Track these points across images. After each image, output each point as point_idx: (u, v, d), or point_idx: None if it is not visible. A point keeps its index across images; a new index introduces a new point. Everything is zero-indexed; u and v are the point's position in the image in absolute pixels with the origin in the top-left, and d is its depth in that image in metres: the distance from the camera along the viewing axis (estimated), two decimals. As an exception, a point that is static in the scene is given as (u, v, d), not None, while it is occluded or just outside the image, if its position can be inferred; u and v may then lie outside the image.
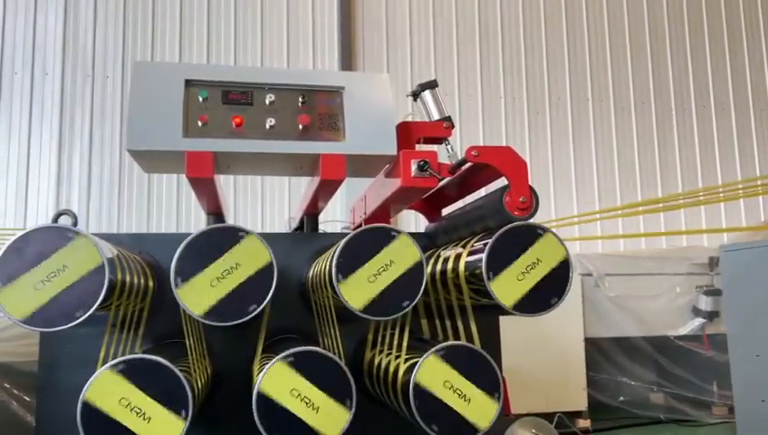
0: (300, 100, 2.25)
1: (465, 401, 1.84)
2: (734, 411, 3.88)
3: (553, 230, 1.93)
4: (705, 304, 4.86)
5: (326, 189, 2.40)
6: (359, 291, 1.85)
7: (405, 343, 2.10)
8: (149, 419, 1.63)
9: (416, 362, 1.89)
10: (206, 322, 1.77)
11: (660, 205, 6.18)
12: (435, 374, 1.84)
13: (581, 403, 4.61)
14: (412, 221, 5.31)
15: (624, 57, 6.57)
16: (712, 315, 4.82)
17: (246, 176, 5.51)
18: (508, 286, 1.88)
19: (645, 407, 4.84)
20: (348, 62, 6.16)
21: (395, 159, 2.24)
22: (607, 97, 6.48)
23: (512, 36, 6.41)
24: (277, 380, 1.77)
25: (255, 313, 1.81)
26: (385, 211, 2.67)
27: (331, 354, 1.88)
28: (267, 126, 2.19)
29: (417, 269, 1.90)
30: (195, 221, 5.78)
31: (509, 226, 1.89)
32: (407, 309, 1.90)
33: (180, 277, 1.77)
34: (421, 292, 1.90)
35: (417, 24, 6.33)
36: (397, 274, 1.87)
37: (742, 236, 5.76)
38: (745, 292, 3.78)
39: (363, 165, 2.33)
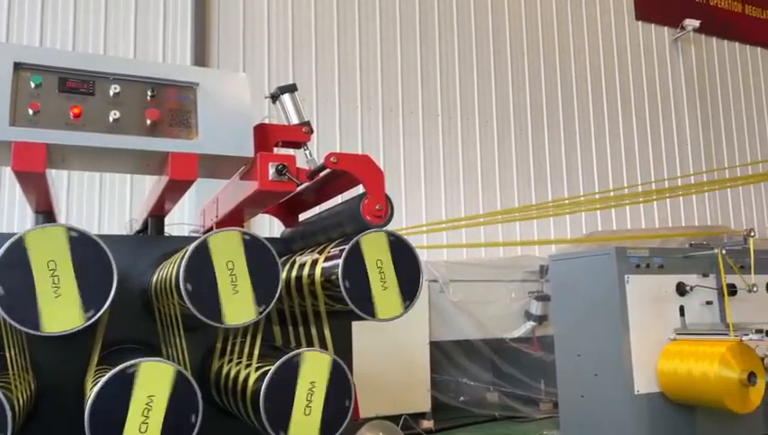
0: (149, 93, 2.11)
1: (305, 414, 1.83)
2: (558, 407, 4.27)
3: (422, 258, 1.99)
4: (535, 308, 5.31)
5: (175, 190, 2.27)
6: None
7: (256, 351, 2.04)
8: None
9: (267, 371, 1.84)
10: (31, 331, 1.58)
11: (499, 217, 6.66)
12: (314, 365, 1.81)
13: (425, 405, 4.79)
14: (266, 225, 5.20)
15: (471, 76, 7.00)
16: (541, 319, 5.27)
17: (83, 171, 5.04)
18: (386, 304, 1.91)
19: (482, 406, 5.16)
20: (201, 58, 5.90)
21: (251, 162, 2.18)
22: (455, 113, 6.85)
23: (368, 44, 6.55)
24: (114, 394, 1.63)
25: (92, 320, 1.65)
26: (239, 215, 2.58)
27: (175, 365, 1.76)
28: (110, 119, 2.02)
29: (272, 275, 1.85)
30: (19, 220, 5.18)
31: (366, 232, 1.92)
32: (260, 316, 1.84)
33: (1, 283, 1.57)
34: (275, 298, 1.86)
35: (275, 25, 6.24)
36: (244, 270, 1.81)
37: (567, 247, 6.39)
38: (570, 297, 4.19)
39: (217, 166, 2.23)
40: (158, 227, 2.71)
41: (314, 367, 1.83)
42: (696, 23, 8.24)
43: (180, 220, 4.85)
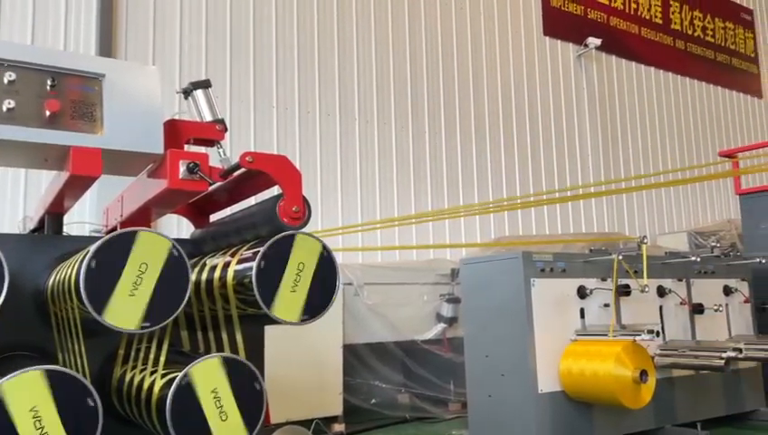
0: (49, 83, 1.97)
1: (222, 419, 1.78)
2: (467, 407, 4.38)
3: (302, 232, 1.96)
4: (446, 310, 5.43)
5: (76, 187, 2.14)
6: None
7: (162, 358, 1.95)
8: None
9: (174, 378, 1.77)
10: None
11: (413, 220, 6.76)
12: (208, 376, 1.75)
13: (337, 408, 4.78)
14: (175, 226, 5.00)
15: (388, 82, 7.07)
16: (452, 321, 5.40)
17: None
18: (288, 308, 1.88)
19: (393, 408, 5.20)
20: (107, 48, 5.59)
21: (161, 159, 2.09)
22: (372, 117, 6.90)
23: (285, 43, 6.47)
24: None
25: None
26: (145, 214, 2.47)
27: (72, 372, 1.66)
28: (4, 108, 1.88)
29: (181, 277, 1.78)
30: None
31: (281, 234, 1.89)
32: (167, 320, 1.77)
33: None
34: (184, 301, 1.79)
35: (188, 17, 6.02)
36: (155, 274, 1.73)
37: (477, 251, 6.59)
38: (479, 299, 4.32)
39: (123, 162, 2.12)
40: (55, 225, 2.55)
41: (209, 376, 1.77)
42: (598, 41, 8.76)
43: (80, 219, 4.57)
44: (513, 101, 8.03)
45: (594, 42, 8.74)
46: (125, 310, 1.66)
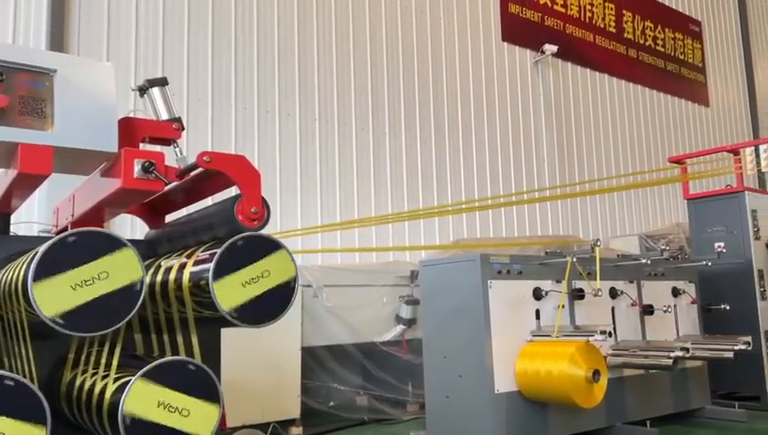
0: (-4, 76, 1.90)
1: (183, 416, 1.75)
2: (425, 408, 4.41)
3: (287, 247, 1.95)
4: (405, 312, 5.45)
5: (24, 185, 2.07)
6: (58, 302, 1.61)
7: (115, 362, 1.90)
8: None
9: (126, 382, 1.72)
10: None
11: (373, 222, 6.77)
12: (146, 398, 1.71)
13: (295, 411, 4.74)
14: (128, 226, 4.88)
15: (349, 83, 7.06)
16: (411, 322, 5.42)
17: None
18: (231, 292, 1.85)
19: (352, 410, 5.19)
20: (58, 43, 5.41)
21: (115, 157, 2.04)
22: (332, 118, 6.88)
23: (245, 41, 6.40)
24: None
25: None
26: (98, 214, 2.40)
27: (19, 377, 1.60)
28: (-53, 102, 1.80)
29: (135, 280, 1.74)
30: None
31: (240, 236, 1.86)
32: (120, 323, 1.72)
33: None
34: (138, 304, 1.75)
35: (144, 12, 5.89)
36: (111, 286, 1.69)
37: (436, 253, 6.65)
38: (438, 301, 4.35)
39: (74, 160, 2.06)
40: (2, 225, 2.46)
41: (145, 399, 1.74)
42: (555, 48, 8.95)
43: (29, 219, 4.41)
44: (472, 105, 8.13)
45: (551, 48, 8.93)
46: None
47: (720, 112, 12.04)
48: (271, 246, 1.92)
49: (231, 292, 1.84)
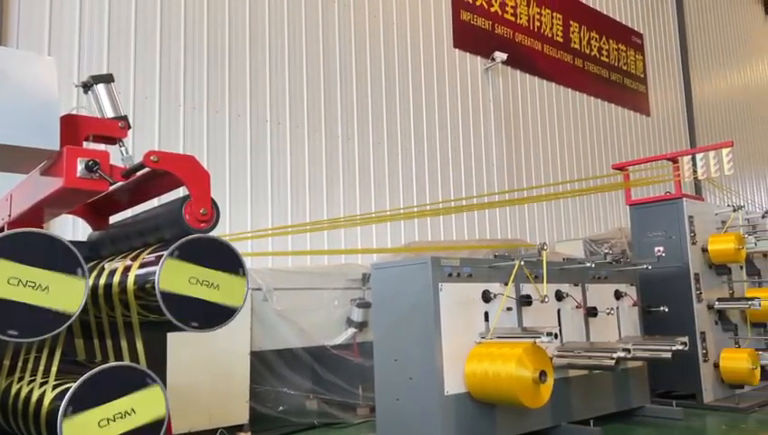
0: (-73, 69, 1.80)
1: (131, 415, 1.69)
2: (375, 411, 4.41)
3: (247, 265, 1.93)
4: (357, 315, 5.44)
5: (-43, 183, 1.96)
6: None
7: (54, 368, 1.83)
8: None
9: (67, 389, 1.66)
10: None
11: (325, 225, 6.74)
12: (85, 423, 1.65)
13: (243, 416, 4.67)
14: (70, 227, 4.71)
15: (301, 85, 7.02)
16: (362, 326, 5.42)
17: None
18: (176, 281, 1.80)
19: (301, 414, 5.15)
20: (-5, 34, 5.18)
21: (56, 156, 1.96)
22: (284, 120, 6.82)
23: (195, 39, 6.27)
24: None
25: None
26: (37, 214, 2.31)
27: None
28: None
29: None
30: None
31: (188, 237, 1.82)
32: (60, 329, 1.66)
33: None
34: (79, 309, 1.69)
35: (89, 6, 5.69)
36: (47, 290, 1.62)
37: (388, 256, 6.67)
38: (389, 304, 4.37)
39: (13, 158, 1.98)
40: (-68, 225, 2.32)
41: (85, 425, 1.68)
42: (504, 56, 9.14)
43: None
44: (424, 110, 8.21)
45: (501, 56, 9.11)
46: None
47: (660, 122, 12.55)
48: (236, 266, 1.89)
49: (175, 277, 1.79)
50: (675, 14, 13.52)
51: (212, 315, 1.87)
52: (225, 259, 1.89)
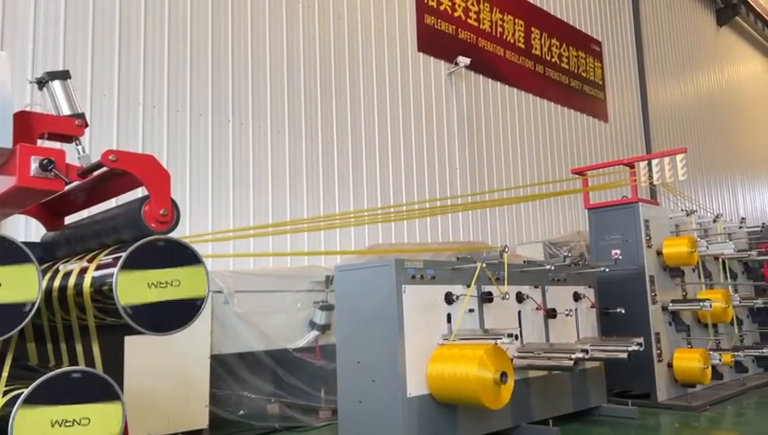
0: None
1: (85, 425, 1.65)
2: (337, 414, 4.39)
3: (206, 266, 1.89)
4: (319, 317, 5.41)
5: None
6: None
7: (5, 373, 1.77)
8: None
9: (18, 395, 1.60)
10: None
11: (288, 227, 6.69)
12: (36, 421, 1.60)
13: (203, 421, 4.59)
14: (22, 227, 4.55)
15: (264, 84, 6.95)
16: (325, 328, 5.39)
17: None
18: (133, 288, 1.76)
19: (262, 418, 5.09)
20: (-56, 27, 4.98)
21: (9, 154, 1.90)
22: (247, 119, 6.74)
23: (155, 35, 6.15)
24: None
25: None
26: (-12, 214, 2.23)
27: None
28: None
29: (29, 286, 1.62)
30: None
31: (147, 239, 1.78)
32: (11, 332, 1.60)
33: None
34: (32, 312, 1.63)
35: (44, 1, 5.52)
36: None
37: (352, 258, 6.66)
38: (353, 306, 4.36)
39: (-38, 156, 1.90)
40: None
41: (35, 424, 1.63)
42: (468, 60, 9.23)
43: None
44: (388, 113, 8.23)
45: (464, 61, 9.20)
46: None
47: (617, 127, 12.88)
48: (191, 257, 1.85)
49: (134, 288, 1.75)
50: (632, 23, 13.89)
51: (181, 312, 1.84)
52: (177, 254, 1.86)
